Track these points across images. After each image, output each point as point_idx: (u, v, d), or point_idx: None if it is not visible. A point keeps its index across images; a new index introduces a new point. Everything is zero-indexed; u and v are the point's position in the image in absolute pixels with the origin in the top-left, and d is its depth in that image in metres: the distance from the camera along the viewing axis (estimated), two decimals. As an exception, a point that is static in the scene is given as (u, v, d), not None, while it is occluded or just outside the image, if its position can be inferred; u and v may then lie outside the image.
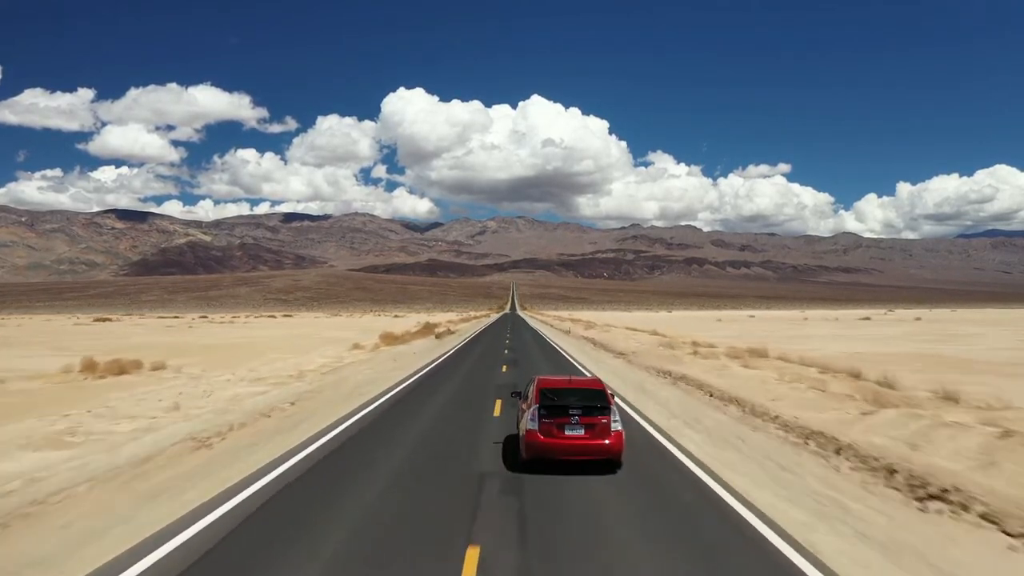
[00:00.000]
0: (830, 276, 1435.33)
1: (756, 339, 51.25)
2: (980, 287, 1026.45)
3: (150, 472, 12.24)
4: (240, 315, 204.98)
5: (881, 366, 25.19)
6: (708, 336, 54.75)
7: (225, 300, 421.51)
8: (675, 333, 58.73)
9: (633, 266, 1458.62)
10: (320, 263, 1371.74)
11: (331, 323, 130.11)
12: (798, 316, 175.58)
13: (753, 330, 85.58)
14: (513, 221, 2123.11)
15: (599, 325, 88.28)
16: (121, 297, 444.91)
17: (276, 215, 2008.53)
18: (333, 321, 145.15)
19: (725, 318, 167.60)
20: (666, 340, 47.09)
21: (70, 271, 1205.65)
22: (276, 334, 79.99)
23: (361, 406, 21.24)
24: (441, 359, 41.45)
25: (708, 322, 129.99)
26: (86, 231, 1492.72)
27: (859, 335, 72.31)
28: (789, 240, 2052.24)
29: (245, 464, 13.17)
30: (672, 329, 71.25)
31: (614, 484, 11.58)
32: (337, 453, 14.49)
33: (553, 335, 72.99)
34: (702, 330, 77.93)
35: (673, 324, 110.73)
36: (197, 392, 22.48)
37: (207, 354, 45.48)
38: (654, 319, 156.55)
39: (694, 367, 29.61)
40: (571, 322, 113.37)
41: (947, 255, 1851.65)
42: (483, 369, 35.42)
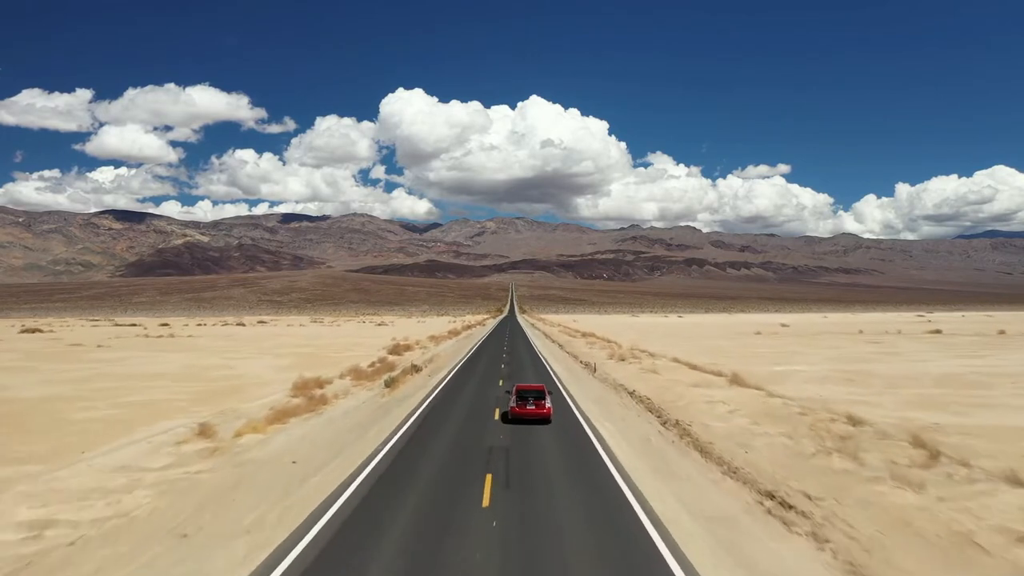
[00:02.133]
0: (831, 277, 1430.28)
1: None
2: (981, 288, 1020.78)
3: None
4: (209, 321, 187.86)
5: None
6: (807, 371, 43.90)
7: (218, 302, 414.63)
8: (759, 371, 43.46)
9: (633, 267, 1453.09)
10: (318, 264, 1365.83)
11: (292, 339, 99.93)
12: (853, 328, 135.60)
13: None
14: (512, 222, 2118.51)
15: (623, 345, 68.52)
16: (112, 299, 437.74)
17: (274, 216, 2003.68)
18: (301, 334, 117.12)
19: (758, 327, 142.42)
20: (801, 411, 27.52)
21: (66, 272, 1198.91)
22: (169, 367, 51.24)
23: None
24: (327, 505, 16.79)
25: (743, 335, 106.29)
26: (83, 232, 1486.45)
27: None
28: (789, 241, 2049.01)
29: None
30: (737, 358, 56.18)
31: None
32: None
33: (569, 375, 46.03)
34: (757, 355, 61.99)
35: (700, 338, 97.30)
36: None
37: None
38: (672, 328, 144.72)
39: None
40: (582, 337, 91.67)
41: (947, 256, 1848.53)
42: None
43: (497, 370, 48.18)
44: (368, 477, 18.70)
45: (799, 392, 34.53)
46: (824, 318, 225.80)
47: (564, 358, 61.15)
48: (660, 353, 57.88)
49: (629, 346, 66.88)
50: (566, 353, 66.82)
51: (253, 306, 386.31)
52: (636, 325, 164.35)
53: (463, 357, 60.00)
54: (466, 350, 70.33)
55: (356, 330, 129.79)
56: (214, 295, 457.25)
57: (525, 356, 61.43)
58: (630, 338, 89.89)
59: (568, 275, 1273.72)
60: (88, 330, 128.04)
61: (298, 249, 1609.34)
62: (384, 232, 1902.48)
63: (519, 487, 17.60)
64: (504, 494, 16.90)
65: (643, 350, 61.14)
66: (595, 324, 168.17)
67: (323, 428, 26.59)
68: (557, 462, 20.68)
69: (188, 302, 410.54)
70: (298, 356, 62.18)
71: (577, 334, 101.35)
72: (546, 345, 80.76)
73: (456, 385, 39.48)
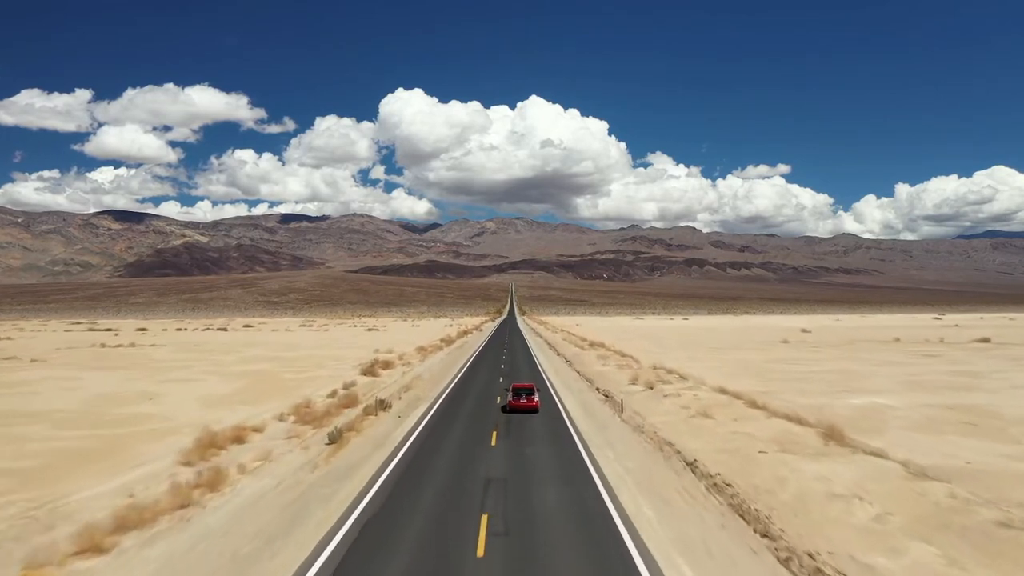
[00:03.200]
0: (831, 277, 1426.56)
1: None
2: (982, 288, 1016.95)
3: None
4: (193, 325, 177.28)
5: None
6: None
7: (215, 302, 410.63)
8: (834, 407, 33.30)
9: (633, 267, 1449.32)
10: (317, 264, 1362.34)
11: (266, 348, 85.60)
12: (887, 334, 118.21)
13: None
14: (512, 222, 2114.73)
15: (641, 362, 58.57)
16: (108, 300, 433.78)
17: (274, 216, 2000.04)
18: (280, 342, 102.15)
19: (777, 332, 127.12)
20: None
21: (64, 272, 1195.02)
22: (77, 397, 39.60)
23: None
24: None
25: (770, 344, 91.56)
26: (82, 232, 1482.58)
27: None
28: (789, 241, 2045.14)
29: None
30: (784, 382, 45.53)
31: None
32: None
33: (585, 418, 33.07)
34: (808, 376, 49.15)
35: (721, 348, 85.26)
36: None
37: None
38: (684, 334, 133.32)
39: None
40: (590, 348, 79.73)
41: (947, 256, 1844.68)
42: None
43: (492, 407, 35.92)
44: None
45: (929, 455, 22.74)
46: (837, 321, 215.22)
47: (574, 381, 50.24)
48: (690, 374, 47.91)
49: (650, 364, 56.18)
50: (576, 373, 55.39)
51: (250, 307, 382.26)
52: (644, 330, 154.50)
53: (451, 381, 48.73)
54: (457, 368, 59.26)
55: (342, 337, 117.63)
56: (211, 296, 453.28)
57: (527, 379, 50.53)
58: (643, 348, 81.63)
59: (568, 275, 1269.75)
60: (57, 335, 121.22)
61: (297, 249, 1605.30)
62: (383, 232, 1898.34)
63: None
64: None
65: (669, 369, 50.61)
66: (599, 328, 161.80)
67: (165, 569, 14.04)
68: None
69: (184, 303, 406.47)
70: (253, 377, 50.64)
71: (584, 343, 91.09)
72: (551, 360, 69.44)
73: (432, 440, 27.15)
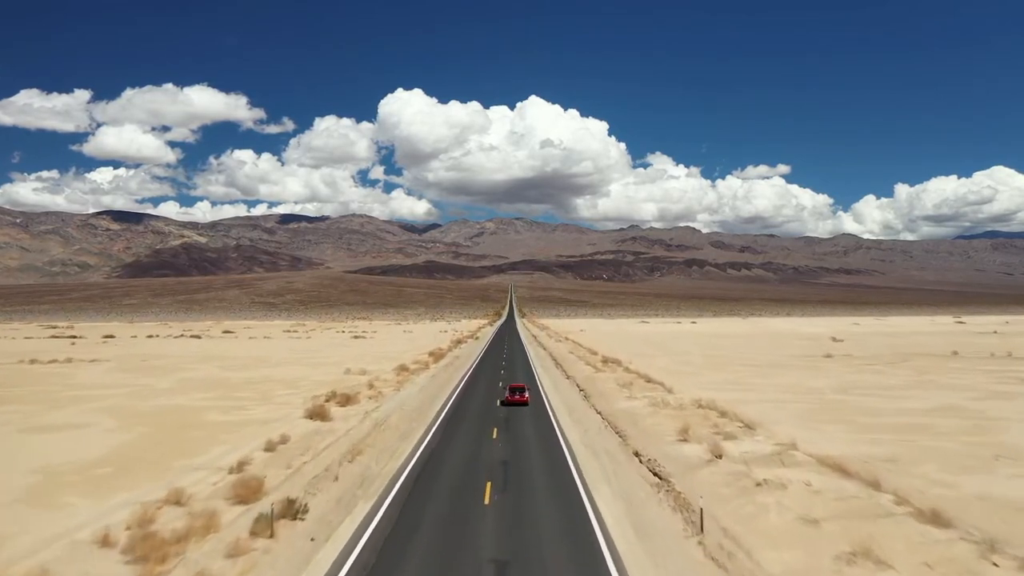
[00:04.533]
0: (831, 278, 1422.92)
1: None
2: (984, 289, 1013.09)
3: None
4: (167, 331, 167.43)
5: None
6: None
7: (211, 304, 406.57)
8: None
9: (633, 268, 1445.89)
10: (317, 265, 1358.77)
11: (223, 366, 72.18)
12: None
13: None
14: (511, 222, 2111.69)
15: (681, 395, 43.42)
16: (103, 300, 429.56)
17: (273, 216, 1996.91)
18: (248, 355, 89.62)
19: (805, 340, 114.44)
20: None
21: (62, 273, 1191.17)
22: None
23: None
24: None
25: (813, 360, 76.72)
26: (80, 232, 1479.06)
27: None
28: (789, 242, 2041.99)
29: None
30: (897, 440, 29.93)
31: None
32: None
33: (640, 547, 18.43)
34: (930, 431, 32.42)
35: (760, 368, 68.38)
36: None
37: None
38: (703, 343, 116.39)
39: None
40: (605, 368, 65.87)
41: (948, 256, 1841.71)
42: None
43: (480, 495, 22.51)
44: None
45: None
46: (856, 325, 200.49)
47: (598, 434, 33.55)
48: (755, 419, 33.67)
49: (690, 396, 42.37)
50: (597, 416, 38.90)
51: (245, 308, 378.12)
52: (654, 338, 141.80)
53: (425, 433, 33.65)
54: (438, 404, 44.78)
55: (321, 348, 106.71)
56: (208, 297, 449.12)
57: (531, 437, 33.25)
58: (667, 367, 67.93)
59: (568, 276, 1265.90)
60: (3, 344, 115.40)
61: (296, 250, 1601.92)
62: (383, 233, 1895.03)
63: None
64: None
65: (721, 410, 35.85)
66: (605, 335, 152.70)
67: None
68: None
69: (179, 304, 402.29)
70: (156, 423, 35.90)
71: (595, 358, 76.56)
72: (559, 389, 53.32)
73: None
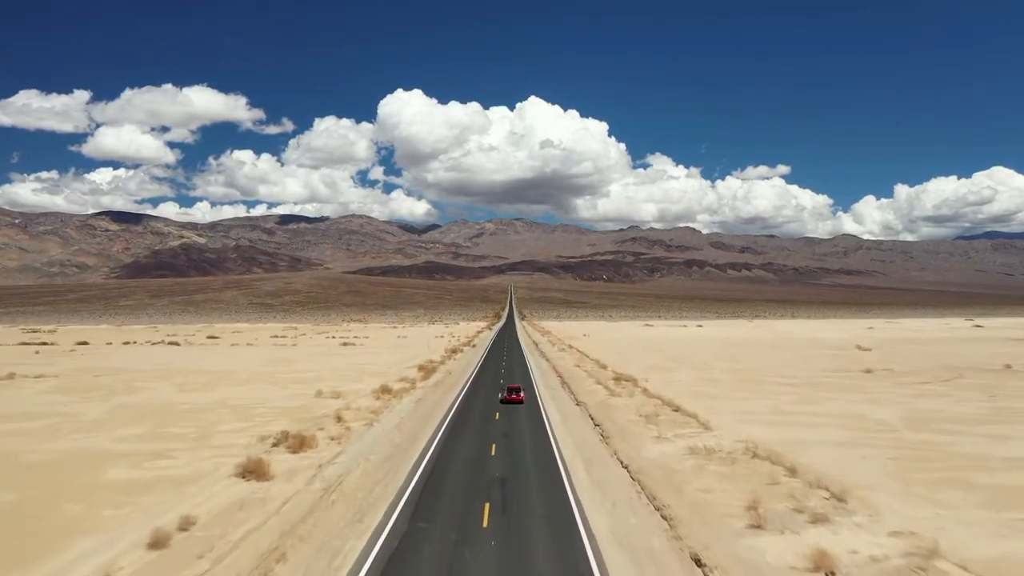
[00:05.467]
0: (832, 278, 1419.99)
1: None
2: (985, 290, 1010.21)
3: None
4: (151, 336, 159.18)
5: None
6: None
7: (209, 305, 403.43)
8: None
9: (633, 268, 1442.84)
10: (316, 265, 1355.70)
11: (178, 384, 60.63)
12: None
13: None
14: (511, 223, 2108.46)
15: (735, 453, 30.60)
16: (99, 301, 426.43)
17: (272, 217, 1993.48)
18: (213, 369, 76.60)
19: (828, 348, 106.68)
20: None
21: (60, 274, 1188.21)
22: None
23: None
24: None
25: (852, 378, 65.75)
26: (79, 233, 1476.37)
27: None
28: (789, 242, 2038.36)
29: None
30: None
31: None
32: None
33: None
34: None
35: (799, 387, 57.39)
36: None
37: None
38: (724, 354, 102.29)
39: None
40: (621, 390, 53.55)
41: (948, 257, 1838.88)
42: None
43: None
44: None
45: None
46: (871, 329, 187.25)
47: (639, 522, 22.23)
48: (843, 489, 23.57)
49: (738, 438, 32.98)
50: (627, 478, 27.89)
51: (242, 309, 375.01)
52: (665, 345, 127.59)
53: (386, 512, 23.23)
54: (417, 450, 33.15)
55: (302, 359, 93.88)
56: (205, 298, 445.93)
57: (539, 529, 21.69)
58: (692, 387, 57.54)
59: (568, 276, 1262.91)
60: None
61: (296, 250, 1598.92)
62: (382, 233, 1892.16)
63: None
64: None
65: (788, 466, 27.21)
66: (611, 341, 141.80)
67: None
68: None
69: (177, 305, 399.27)
70: (30, 486, 26.21)
71: (606, 373, 65.68)
72: (569, 423, 42.26)
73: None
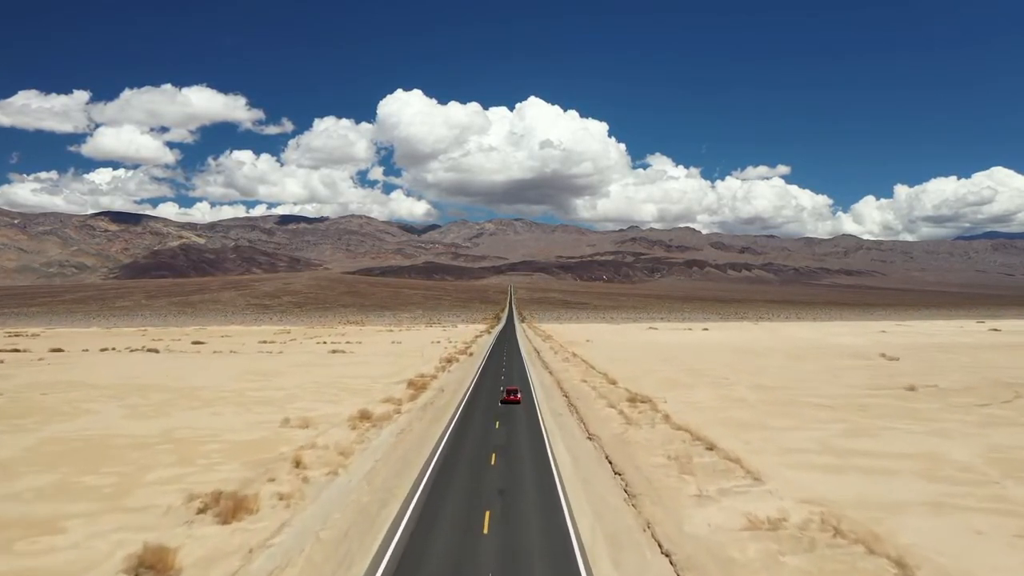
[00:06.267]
0: (833, 279, 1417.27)
1: None
2: (987, 290, 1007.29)
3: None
4: (143, 338, 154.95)
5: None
6: None
7: (206, 306, 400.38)
8: None
9: (633, 268, 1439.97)
10: (315, 266, 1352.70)
11: (133, 406, 50.66)
12: None
13: None
14: (511, 223, 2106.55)
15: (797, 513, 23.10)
16: (95, 302, 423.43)
17: (272, 217, 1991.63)
18: (180, 387, 62.58)
19: (858, 360, 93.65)
20: None
21: (59, 274, 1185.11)
22: None
23: None
24: None
25: (912, 407, 49.43)
26: (79, 233, 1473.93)
27: None
28: (789, 242, 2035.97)
29: None
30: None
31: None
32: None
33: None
34: None
35: (843, 414, 46.03)
36: None
37: None
38: (733, 357, 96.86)
39: None
40: (642, 419, 43.21)
41: (948, 257, 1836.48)
42: None
43: None
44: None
45: None
46: (884, 333, 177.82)
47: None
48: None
49: (803, 498, 25.44)
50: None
51: (239, 311, 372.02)
52: (674, 353, 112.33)
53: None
54: (388, 518, 23.62)
55: (286, 368, 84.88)
56: (202, 299, 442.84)
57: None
58: (715, 412, 47.79)
59: (567, 277, 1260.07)
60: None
61: (295, 251, 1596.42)
62: (382, 233, 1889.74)
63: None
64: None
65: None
66: (617, 348, 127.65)
67: None
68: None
69: (174, 306, 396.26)
70: None
71: (620, 395, 55.85)
72: (580, 469, 31.06)
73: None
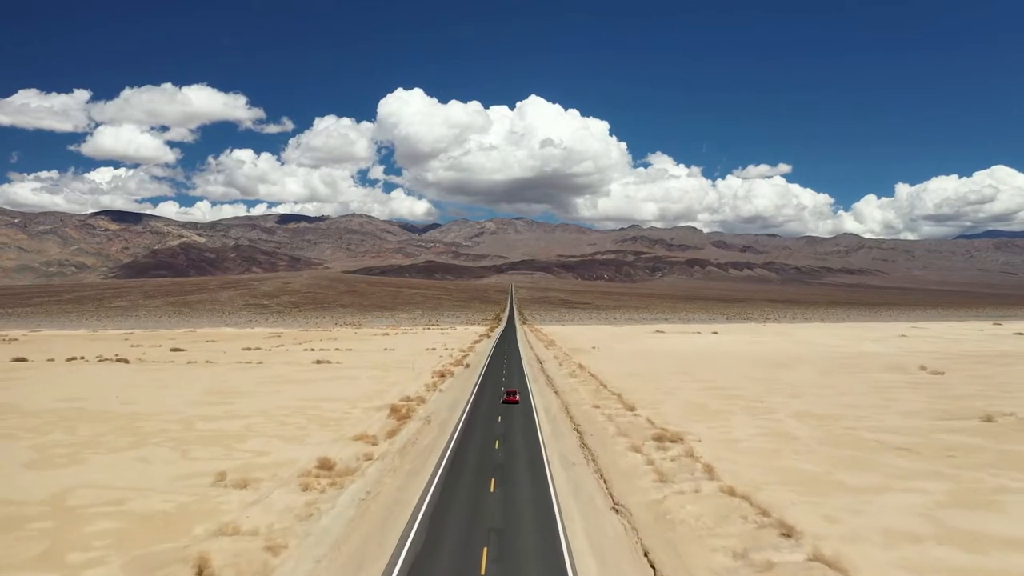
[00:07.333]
0: (834, 278, 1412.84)
1: None
2: (990, 289, 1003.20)
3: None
4: (126, 343, 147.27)
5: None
6: None
7: (204, 306, 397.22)
8: None
9: (634, 268, 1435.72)
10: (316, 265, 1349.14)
11: (76, 429, 44.78)
12: None
13: None
14: (511, 222, 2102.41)
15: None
16: (92, 302, 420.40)
17: (272, 216, 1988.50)
18: (123, 412, 52.33)
19: (913, 376, 79.17)
20: None
21: (59, 273, 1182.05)
22: None
23: None
24: None
25: None
26: (79, 233, 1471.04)
27: None
28: (790, 241, 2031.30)
29: None
30: None
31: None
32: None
33: None
34: None
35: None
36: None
37: None
38: (763, 375, 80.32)
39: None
40: (678, 478, 30.14)
41: (950, 256, 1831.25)
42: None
43: None
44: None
45: None
46: (904, 337, 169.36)
47: None
48: None
49: None
50: None
51: (237, 311, 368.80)
52: (691, 365, 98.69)
53: None
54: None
55: (259, 385, 73.61)
56: (201, 298, 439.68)
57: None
58: (761, 455, 36.81)
59: (568, 276, 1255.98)
60: None
61: (296, 250, 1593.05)
62: (382, 233, 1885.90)
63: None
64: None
65: None
66: (626, 356, 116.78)
67: None
68: None
69: (172, 306, 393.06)
70: None
71: (641, 428, 45.45)
72: (608, 561, 22.01)
73: None
